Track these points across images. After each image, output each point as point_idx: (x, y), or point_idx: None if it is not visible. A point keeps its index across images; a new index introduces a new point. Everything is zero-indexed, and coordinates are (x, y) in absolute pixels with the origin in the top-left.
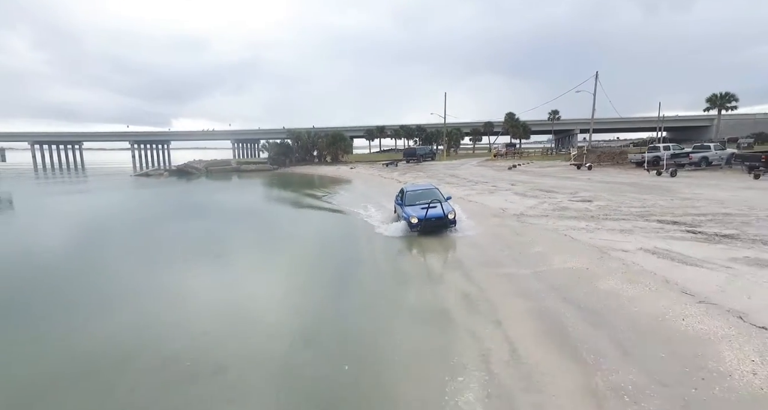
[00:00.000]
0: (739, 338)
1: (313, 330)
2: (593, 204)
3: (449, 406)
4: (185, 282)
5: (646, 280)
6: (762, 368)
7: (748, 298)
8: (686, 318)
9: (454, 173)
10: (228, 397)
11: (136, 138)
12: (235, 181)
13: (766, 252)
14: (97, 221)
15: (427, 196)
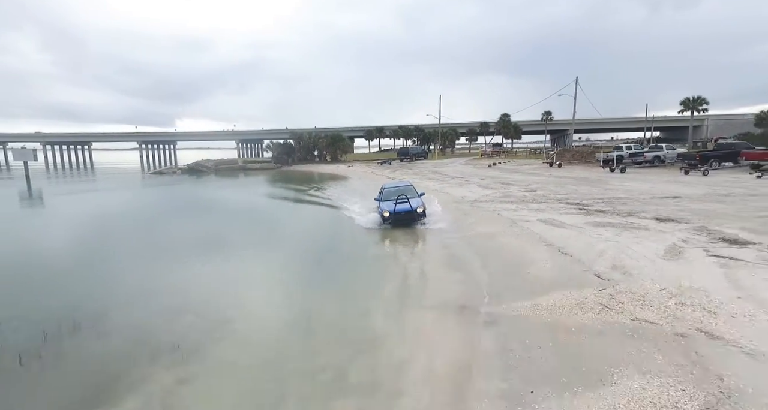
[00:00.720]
0: (551, 259)
1: (304, 272)
2: (534, 193)
3: (382, 290)
4: (212, 244)
5: (526, 236)
6: (551, 268)
7: (575, 242)
8: (530, 250)
9: (438, 170)
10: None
11: (144, 138)
12: (242, 178)
13: (610, 218)
14: (140, 209)
15: (402, 193)
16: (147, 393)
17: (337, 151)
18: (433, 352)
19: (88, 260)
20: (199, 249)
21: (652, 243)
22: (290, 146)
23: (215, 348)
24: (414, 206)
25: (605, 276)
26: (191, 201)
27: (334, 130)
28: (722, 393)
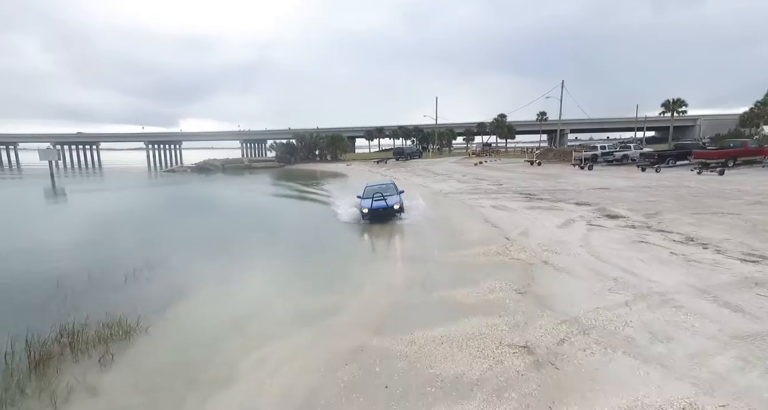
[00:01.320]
0: (483, 229)
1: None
2: (499, 186)
3: (358, 252)
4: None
5: (474, 217)
6: (480, 235)
7: (506, 219)
8: (471, 225)
9: (428, 168)
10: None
11: (151, 138)
12: (248, 176)
13: (543, 204)
14: (168, 200)
15: (383, 191)
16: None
17: (337, 150)
18: (387, 279)
19: (132, 237)
20: (209, 232)
21: (557, 218)
22: (293, 146)
23: (221, 284)
24: (390, 203)
25: (511, 238)
26: (205, 196)
27: (335, 130)
28: (529, 284)
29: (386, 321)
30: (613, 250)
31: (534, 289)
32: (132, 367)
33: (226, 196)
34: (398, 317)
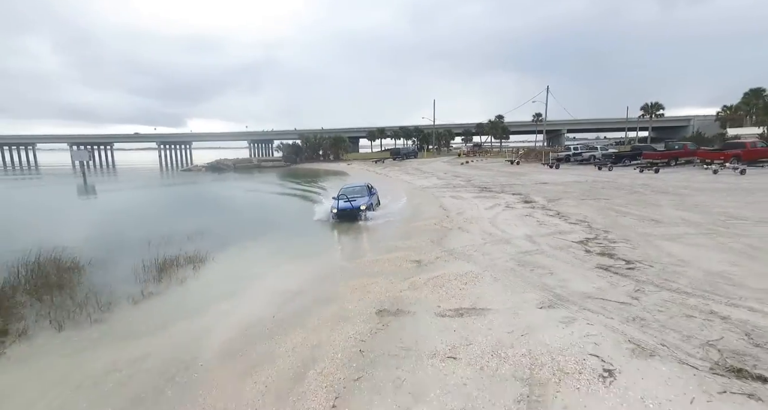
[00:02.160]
0: (435, 210)
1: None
2: (468, 182)
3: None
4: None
5: (435, 203)
6: (432, 214)
7: (455, 204)
8: (429, 209)
9: (418, 167)
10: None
11: (163, 139)
12: (257, 174)
13: (489, 194)
14: (193, 196)
15: (356, 193)
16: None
17: (339, 150)
18: (358, 236)
19: (168, 220)
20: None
21: (489, 203)
22: (298, 146)
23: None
24: (356, 205)
25: (449, 216)
26: (220, 194)
27: (339, 130)
28: (440, 239)
29: (351, 255)
30: (505, 221)
31: (441, 241)
32: (207, 272)
33: (236, 196)
34: (358, 253)
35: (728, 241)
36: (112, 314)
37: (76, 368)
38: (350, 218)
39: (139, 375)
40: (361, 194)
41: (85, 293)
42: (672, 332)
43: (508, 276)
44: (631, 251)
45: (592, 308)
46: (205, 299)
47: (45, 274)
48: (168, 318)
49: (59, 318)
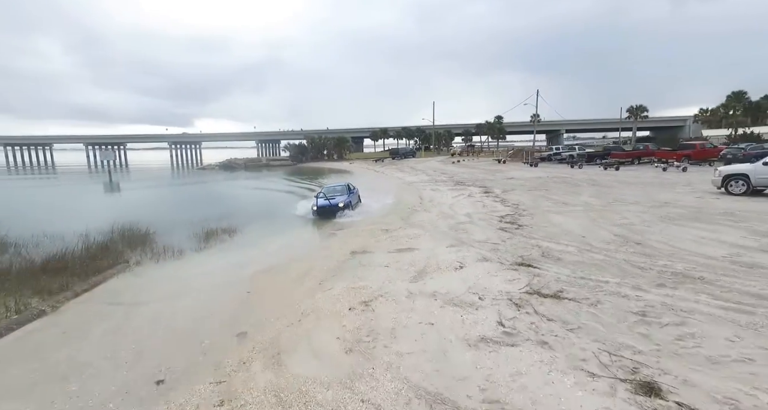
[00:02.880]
0: (415, 200)
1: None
2: (450, 178)
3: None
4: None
5: (415, 194)
6: (412, 202)
7: (430, 194)
8: (409, 198)
9: (413, 166)
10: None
11: (174, 139)
12: (265, 172)
13: (460, 187)
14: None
15: (337, 192)
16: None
17: (342, 150)
18: (348, 218)
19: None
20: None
21: (457, 193)
22: (304, 146)
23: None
24: (334, 202)
25: (423, 203)
26: (233, 189)
27: (343, 131)
28: (407, 217)
29: (340, 228)
30: (460, 205)
31: (408, 218)
32: (238, 238)
33: (247, 192)
34: (346, 226)
35: (593, 215)
36: (184, 256)
37: (175, 273)
38: (329, 214)
39: (212, 277)
40: (341, 193)
41: (162, 246)
42: (507, 254)
43: (439, 235)
44: (528, 220)
45: (475, 246)
46: (241, 251)
47: (131, 237)
48: (219, 257)
49: (153, 257)
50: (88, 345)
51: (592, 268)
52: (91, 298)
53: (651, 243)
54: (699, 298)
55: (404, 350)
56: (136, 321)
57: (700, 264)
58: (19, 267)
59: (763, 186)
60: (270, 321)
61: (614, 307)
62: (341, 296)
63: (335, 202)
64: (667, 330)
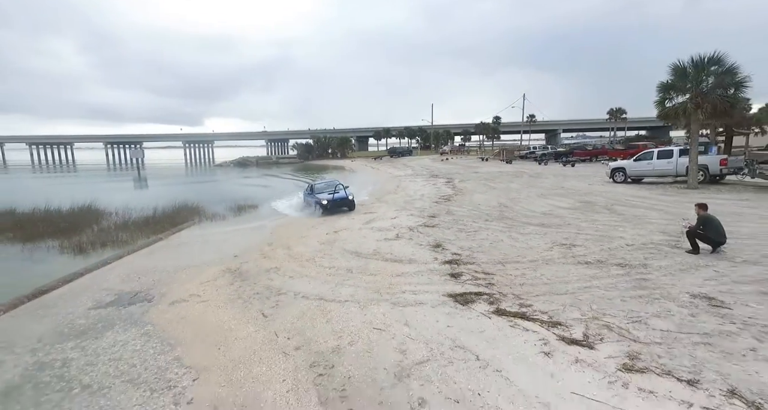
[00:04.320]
0: (394, 187)
1: None
2: (429, 172)
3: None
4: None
5: (394, 184)
6: (392, 189)
7: (407, 184)
8: (389, 187)
9: (406, 163)
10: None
11: (188, 138)
12: (275, 169)
13: (431, 179)
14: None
15: (331, 187)
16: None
17: (345, 149)
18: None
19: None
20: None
21: (426, 183)
22: (310, 145)
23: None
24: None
25: (398, 190)
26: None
27: (348, 130)
28: (379, 198)
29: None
30: (423, 190)
31: (380, 198)
32: (260, 211)
33: (258, 187)
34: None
35: (501, 194)
36: (227, 219)
37: (224, 227)
38: (339, 207)
39: (248, 227)
40: (337, 188)
41: (211, 214)
42: (425, 212)
43: (394, 205)
44: (458, 197)
45: (411, 210)
46: (263, 217)
47: (188, 209)
48: (249, 220)
49: (208, 220)
50: (193, 249)
51: (465, 218)
52: (179, 236)
53: (514, 207)
54: (499, 226)
55: (348, 245)
56: (212, 243)
57: (523, 214)
58: (132, 223)
59: (635, 176)
60: (283, 240)
61: (458, 230)
62: (323, 231)
63: (342, 196)
64: (475, 236)
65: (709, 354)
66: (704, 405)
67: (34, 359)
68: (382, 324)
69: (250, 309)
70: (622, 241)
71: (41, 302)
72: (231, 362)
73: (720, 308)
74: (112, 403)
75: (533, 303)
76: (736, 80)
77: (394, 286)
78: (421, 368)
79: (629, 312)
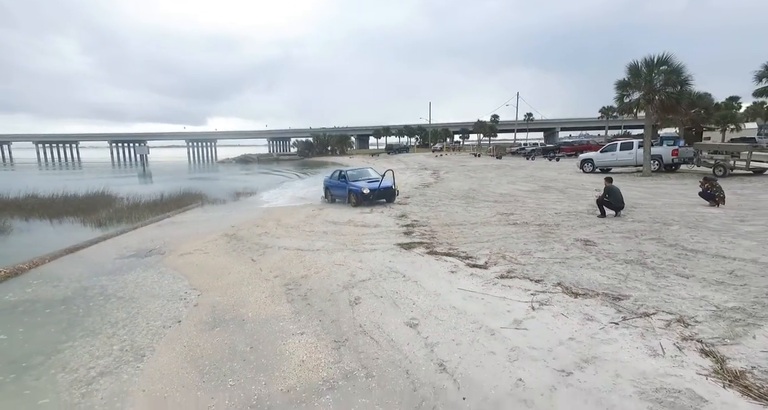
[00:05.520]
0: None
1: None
2: (420, 166)
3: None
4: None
5: None
6: None
7: (397, 175)
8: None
9: (400, 159)
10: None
11: (191, 137)
12: (275, 164)
13: (421, 171)
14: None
15: (365, 174)
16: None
17: (344, 146)
18: None
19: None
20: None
21: (413, 174)
22: (310, 143)
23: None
24: (385, 185)
25: None
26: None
27: (348, 129)
28: None
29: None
30: (409, 179)
31: None
32: (258, 196)
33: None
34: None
35: (475, 182)
36: (226, 203)
37: (224, 209)
38: (380, 198)
39: (245, 209)
40: (369, 177)
41: (213, 199)
42: (404, 193)
43: None
44: (437, 184)
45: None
46: (260, 201)
47: (192, 195)
48: (247, 204)
49: (210, 203)
50: (197, 223)
51: (435, 198)
52: (184, 215)
53: (481, 190)
54: (459, 203)
55: (328, 218)
56: (213, 220)
57: (485, 195)
58: (143, 205)
59: (602, 166)
60: (275, 216)
61: (424, 206)
62: (309, 209)
63: (388, 185)
64: (436, 209)
65: (559, 268)
66: (537, 290)
67: (80, 285)
68: (342, 262)
69: (243, 257)
70: (553, 211)
71: (76, 255)
72: (226, 285)
73: (589, 245)
74: (140, 305)
75: (459, 247)
76: (681, 79)
77: (357, 241)
78: (363, 283)
79: (524, 250)
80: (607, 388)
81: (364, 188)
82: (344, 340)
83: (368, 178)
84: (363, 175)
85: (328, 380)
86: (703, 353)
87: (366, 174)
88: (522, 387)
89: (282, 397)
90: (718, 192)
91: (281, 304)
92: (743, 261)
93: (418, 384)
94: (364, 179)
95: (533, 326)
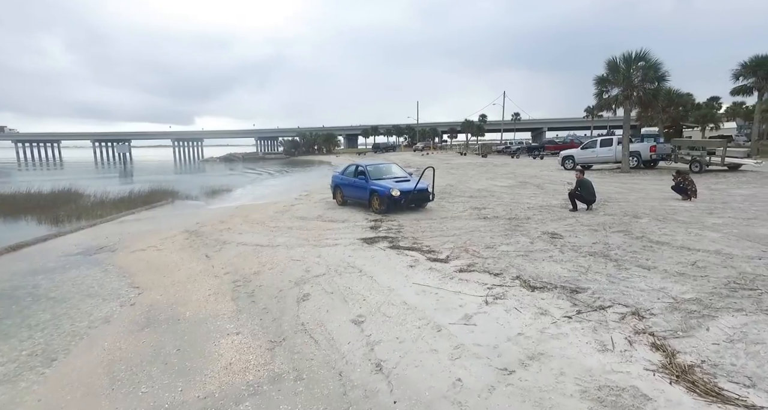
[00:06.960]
0: None
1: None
2: (406, 164)
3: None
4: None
5: None
6: None
7: None
8: None
9: (386, 157)
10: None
11: (177, 136)
12: (261, 163)
13: (407, 167)
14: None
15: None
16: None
17: (330, 145)
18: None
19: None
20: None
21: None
22: (297, 142)
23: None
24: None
25: None
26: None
27: (337, 128)
28: None
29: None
30: None
31: None
32: (235, 193)
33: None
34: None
35: (455, 178)
36: (199, 200)
37: (195, 207)
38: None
39: (218, 207)
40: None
41: (185, 196)
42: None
43: None
44: None
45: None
46: (238, 197)
47: (163, 192)
48: (220, 200)
49: (181, 199)
50: (161, 220)
51: None
52: (152, 212)
53: (459, 186)
54: (447, 195)
55: (297, 213)
56: (180, 216)
57: (461, 190)
58: (108, 202)
59: (583, 162)
60: (244, 212)
61: None
62: (281, 205)
63: (424, 187)
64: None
65: (521, 261)
66: (495, 284)
67: (11, 284)
68: (300, 258)
69: (197, 253)
70: (526, 206)
71: (19, 253)
72: (171, 283)
73: (556, 239)
74: (70, 305)
75: (423, 242)
76: (659, 74)
77: (321, 236)
78: (317, 279)
79: (489, 243)
80: (549, 387)
81: (394, 189)
82: (281, 340)
83: (394, 176)
84: (387, 172)
85: (252, 384)
86: (653, 347)
87: (389, 171)
88: (459, 387)
89: (195, 405)
90: (690, 186)
91: (224, 302)
92: (707, 253)
93: (350, 386)
94: (389, 177)
95: (483, 321)
